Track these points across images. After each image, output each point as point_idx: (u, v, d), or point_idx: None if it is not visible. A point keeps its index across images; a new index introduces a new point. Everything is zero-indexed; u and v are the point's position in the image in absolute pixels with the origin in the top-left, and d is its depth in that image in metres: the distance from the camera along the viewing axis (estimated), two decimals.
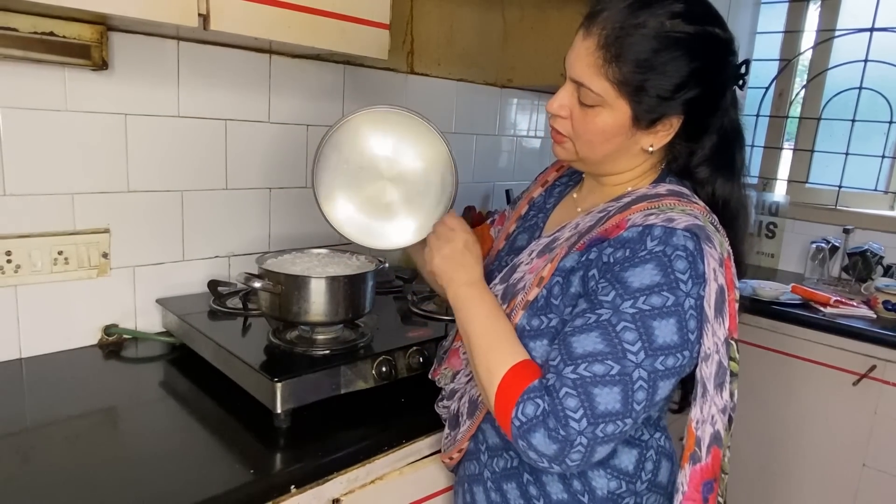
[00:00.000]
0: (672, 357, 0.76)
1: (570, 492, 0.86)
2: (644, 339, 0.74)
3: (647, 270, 0.76)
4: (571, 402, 0.73)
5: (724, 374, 0.80)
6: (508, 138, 2.22)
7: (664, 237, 0.77)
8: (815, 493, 2.04)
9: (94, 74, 1.22)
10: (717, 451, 0.81)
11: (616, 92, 0.80)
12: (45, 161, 1.19)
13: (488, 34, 2.05)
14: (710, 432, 0.81)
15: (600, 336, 0.75)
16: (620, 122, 0.82)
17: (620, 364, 0.74)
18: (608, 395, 0.73)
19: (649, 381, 0.75)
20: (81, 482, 0.86)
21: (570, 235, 0.88)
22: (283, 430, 1.01)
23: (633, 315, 0.75)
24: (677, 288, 0.75)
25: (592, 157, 0.88)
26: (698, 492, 0.81)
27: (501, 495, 0.91)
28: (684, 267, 0.76)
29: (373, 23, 1.27)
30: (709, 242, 0.78)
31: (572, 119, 0.85)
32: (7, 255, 1.17)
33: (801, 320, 2.02)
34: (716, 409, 0.80)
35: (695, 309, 0.76)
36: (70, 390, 1.12)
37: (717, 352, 0.78)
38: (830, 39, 2.55)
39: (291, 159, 1.58)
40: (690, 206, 0.82)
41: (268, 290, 1.08)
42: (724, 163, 0.89)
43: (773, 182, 2.75)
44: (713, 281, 0.77)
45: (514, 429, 0.76)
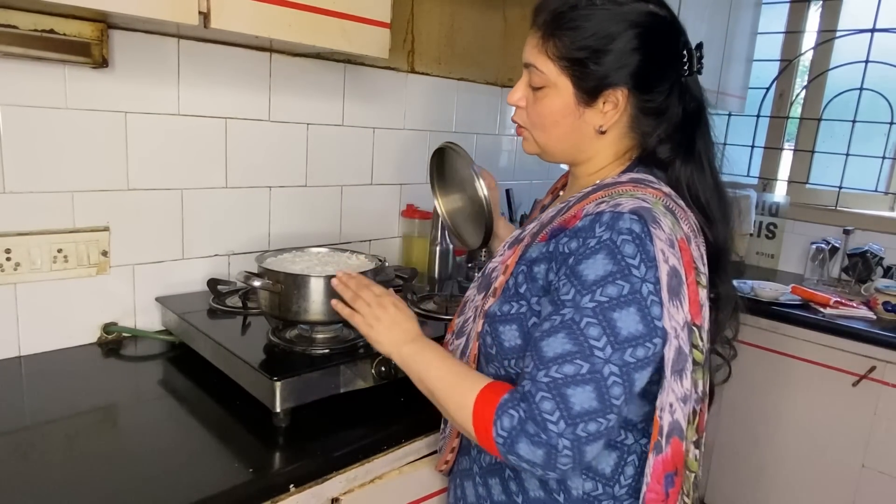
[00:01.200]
0: (641, 347, 0.75)
1: (546, 490, 0.86)
2: (608, 332, 0.74)
3: (599, 261, 0.76)
4: (547, 405, 0.73)
5: (684, 361, 0.78)
6: (509, 138, 2.21)
7: (611, 222, 0.77)
8: (814, 493, 2.04)
9: (95, 72, 1.22)
10: (677, 442, 0.80)
11: (557, 68, 0.85)
12: (44, 159, 1.19)
13: (489, 33, 2.05)
14: (669, 421, 0.79)
15: (567, 336, 0.75)
16: (566, 101, 0.86)
17: (589, 362, 0.74)
18: (582, 394, 0.73)
19: (622, 375, 0.74)
20: (80, 480, 0.85)
21: (533, 226, 0.90)
22: (283, 429, 1.01)
23: (594, 309, 0.75)
24: (630, 274, 0.75)
25: (549, 144, 0.91)
26: (660, 484, 0.79)
27: (487, 489, 0.93)
28: (633, 251, 0.76)
29: (373, 21, 1.27)
30: (655, 224, 0.77)
31: (527, 108, 0.90)
32: (6, 252, 1.16)
33: (801, 321, 2.03)
34: (674, 396, 0.78)
35: (655, 294, 0.76)
36: (69, 388, 1.12)
37: (677, 337, 0.77)
38: (831, 40, 2.55)
39: (291, 158, 1.58)
40: (644, 191, 0.82)
41: (267, 288, 1.08)
42: (683, 145, 0.89)
43: (773, 182, 2.75)
44: (663, 262, 0.76)
45: (500, 447, 0.75)
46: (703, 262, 0.84)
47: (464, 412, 0.79)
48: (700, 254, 0.84)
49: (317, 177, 1.64)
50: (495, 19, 2.06)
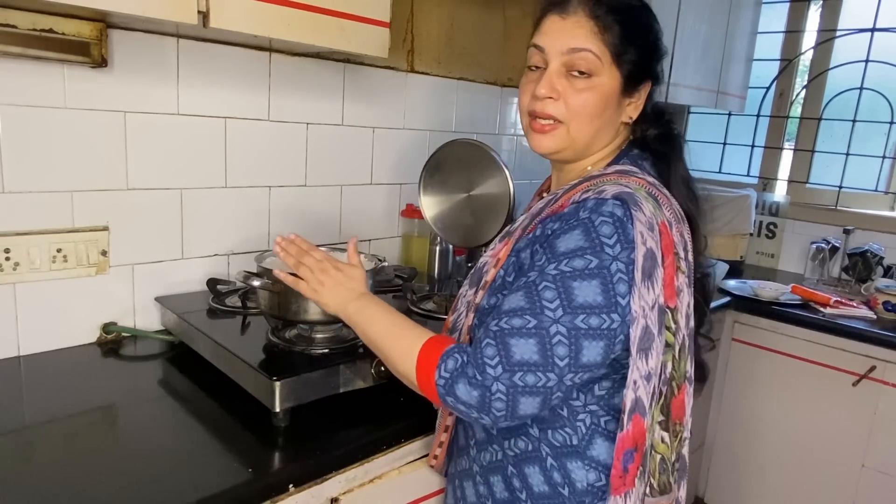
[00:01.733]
0: (596, 317, 0.77)
1: (550, 484, 0.86)
2: (563, 297, 0.77)
3: (574, 236, 0.79)
4: (489, 351, 0.77)
5: (650, 340, 0.80)
6: (509, 137, 2.21)
7: (594, 206, 0.80)
8: (814, 493, 2.04)
9: (94, 72, 1.21)
10: (638, 419, 0.81)
11: (611, 57, 0.85)
12: (44, 158, 1.19)
13: (489, 33, 2.04)
14: (632, 398, 0.80)
15: (523, 295, 0.79)
16: (612, 90, 0.87)
17: (537, 318, 0.76)
18: (524, 345, 0.76)
19: (569, 336, 0.76)
20: (80, 480, 0.85)
21: (523, 219, 0.92)
22: (282, 429, 1.01)
23: (554, 276, 0.78)
24: (602, 251, 0.77)
25: (584, 137, 0.90)
26: (619, 460, 0.81)
27: (488, 488, 0.92)
28: (610, 231, 0.78)
29: (373, 21, 1.27)
30: (636, 207, 0.80)
31: (565, 98, 0.87)
32: (6, 252, 1.16)
33: (801, 321, 2.03)
34: (638, 374, 0.80)
35: (624, 273, 0.78)
36: (69, 388, 1.12)
37: (645, 316, 0.79)
38: (831, 40, 2.55)
39: (291, 157, 1.58)
40: (627, 180, 0.85)
41: (267, 288, 1.08)
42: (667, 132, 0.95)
43: (773, 182, 2.75)
44: (641, 244, 0.78)
45: (440, 388, 0.78)
46: (685, 249, 0.86)
47: (408, 359, 0.83)
48: (683, 241, 0.86)
49: (316, 176, 1.64)
50: (495, 19, 2.06)
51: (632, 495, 0.82)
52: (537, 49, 0.89)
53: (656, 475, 0.85)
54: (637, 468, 0.82)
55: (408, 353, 0.83)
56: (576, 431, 0.86)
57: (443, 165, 1.29)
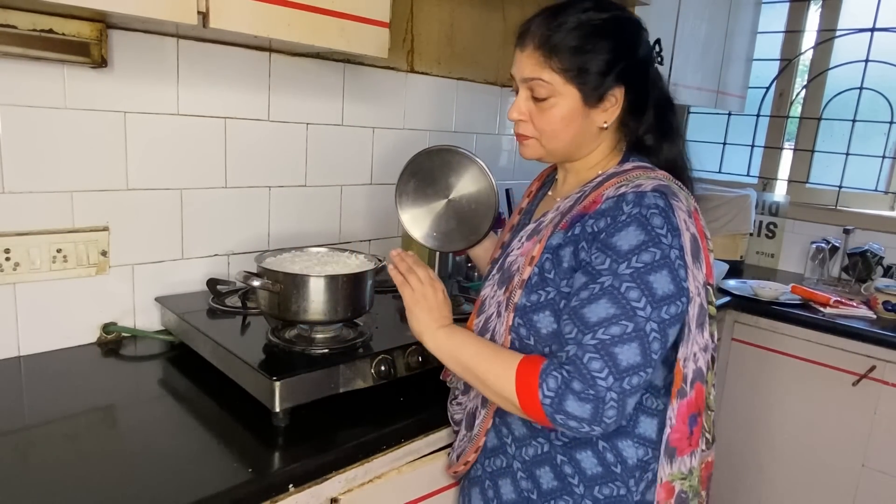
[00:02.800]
0: (673, 305, 0.83)
1: (604, 464, 0.91)
2: (646, 293, 0.82)
3: (631, 232, 0.84)
4: (596, 364, 0.80)
5: (704, 316, 0.88)
6: (508, 138, 2.21)
7: (637, 200, 0.85)
8: (814, 493, 2.04)
9: (94, 72, 1.22)
10: (700, 387, 0.89)
11: (563, 79, 0.91)
12: (44, 159, 1.19)
13: (489, 33, 2.05)
14: (693, 368, 0.88)
15: (609, 301, 0.82)
16: (574, 106, 0.93)
17: (633, 322, 0.81)
18: (628, 351, 0.81)
19: (660, 330, 0.82)
20: (80, 480, 0.85)
21: (553, 217, 0.96)
22: (282, 429, 1.01)
23: (631, 275, 0.82)
24: (660, 242, 0.83)
25: (559, 147, 0.97)
26: (685, 424, 0.88)
27: (533, 481, 0.95)
28: (661, 222, 0.84)
29: (373, 21, 1.27)
30: (675, 197, 0.87)
31: (532, 119, 0.96)
32: (6, 252, 1.16)
33: (801, 320, 2.02)
34: (697, 347, 0.88)
35: (681, 259, 0.84)
36: (69, 388, 1.12)
37: (699, 294, 0.86)
38: (831, 39, 2.55)
39: (291, 158, 1.58)
40: (654, 174, 0.92)
41: (267, 288, 1.08)
42: (665, 129, 0.99)
43: (773, 182, 2.75)
44: (686, 230, 0.85)
45: (546, 407, 0.81)
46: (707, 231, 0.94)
47: (505, 380, 0.86)
48: (705, 224, 0.93)
49: (316, 176, 1.64)
50: (495, 19, 2.06)
51: (697, 454, 0.91)
52: (512, 77, 0.98)
53: (711, 430, 0.93)
54: (700, 429, 0.91)
55: (503, 376, 0.86)
56: None
57: (412, 184, 1.27)
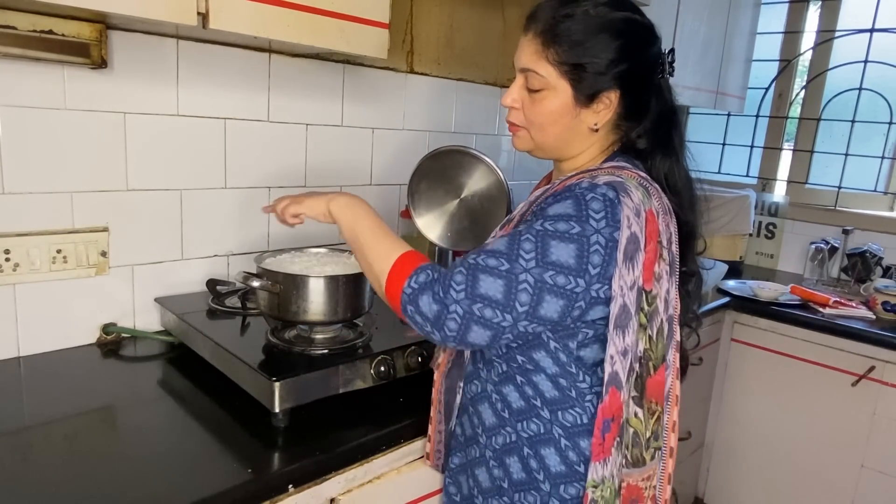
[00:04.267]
0: (563, 277, 0.82)
1: (567, 463, 0.90)
2: (539, 251, 0.82)
3: (564, 204, 0.84)
4: (458, 277, 0.83)
5: (627, 319, 0.86)
6: (508, 138, 2.20)
7: (588, 187, 0.85)
8: (813, 493, 2.05)
9: (94, 73, 1.22)
10: (614, 392, 0.87)
11: (557, 72, 0.90)
12: (43, 159, 1.19)
13: (488, 34, 2.05)
14: (609, 371, 0.86)
15: (505, 242, 0.84)
16: (564, 102, 0.92)
17: (510, 264, 0.82)
18: (491, 283, 0.82)
19: (535, 287, 0.82)
20: (79, 481, 0.85)
21: (522, 206, 0.97)
22: (282, 430, 1.01)
23: (537, 232, 0.83)
24: (586, 222, 0.82)
25: (546, 141, 0.96)
26: (599, 429, 0.87)
27: (504, 470, 0.94)
28: (599, 207, 0.83)
29: (372, 22, 1.27)
30: (625, 194, 0.85)
31: (524, 108, 0.95)
32: (6, 253, 1.16)
33: (800, 321, 2.03)
34: (615, 349, 0.86)
35: (602, 247, 0.82)
36: (68, 389, 1.12)
37: (623, 295, 0.84)
38: (830, 40, 2.55)
39: (291, 158, 1.58)
40: (620, 172, 0.90)
41: (266, 289, 1.08)
42: (661, 139, 0.97)
43: (772, 183, 2.75)
44: (626, 228, 0.83)
45: (405, 295, 0.84)
46: (669, 239, 0.91)
47: (385, 261, 0.88)
48: (669, 232, 0.92)
49: (316, 177, 1.64)
50: (494, 20, 2.06)
51: (609, 463, 0.87)
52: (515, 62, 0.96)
53: (630, 448, 0.90)
54: (614, 438, 0.88)
55: (385, 257, 0.89)
56: (585, 411, 0.90)
57: (424, 187, 1.28)
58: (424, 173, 1.28)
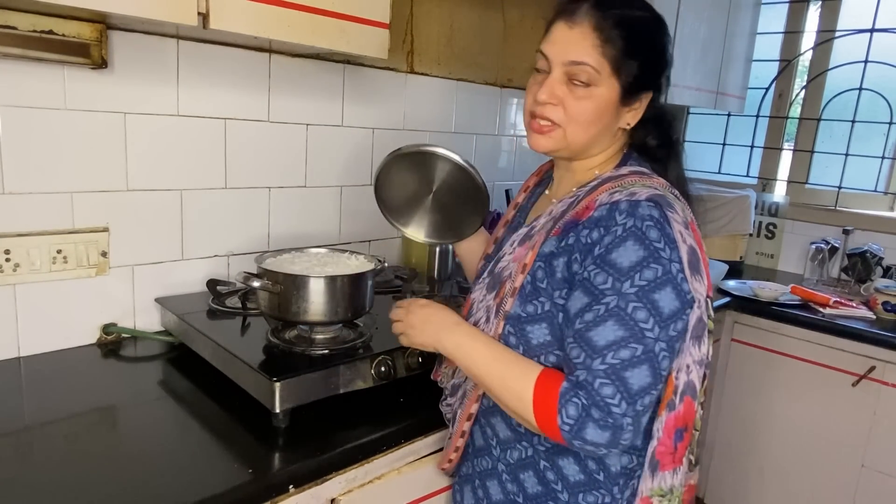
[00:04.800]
0: (680, 321, 0.82)
1: (586, 472, 0.89)
2: (653, 313, 0.79)
3: (630, 248, 0.81)
4: (607, 391, 0.78)
5: (703, 329, 0.86)
6: (508, 138, 2.22)
7: (630, 210, 0.82)
8: (814, 493, 2.04)
9: (94, 73, 1.22)
10: (689, 401, 0.87)
11: (610, 69, 0.87)
12: (44, 160, 1.19)
13: (488, 34, 2.05)
14: (685, 381, 0.86)
15: (616, 323, 0.80)
16: (610, 99, 0.89)
17: (642, 343, 0.79)
18: (639, 374, 0.79)
19: (668, 348, 0.81)
20: (80, 481, 0.85)
21: (545, 222, 0.93)
22: (282, 430, 1.01)
23: (636, 294, 0.79)
24: (660, 257, 0.80)
25: (580, 141, 0.92)
26: (670, 438, 0.86)
27: (518, 484, 0.94)
28: (657, 235, 0.81)
29: (372, 22, 1.27)
30: (671, 208, 0.84)
31: (564, 105, 0.89)
32: (6, 253, 1.16)
33: (801, 321, 2.02)
34: (691, 359, 0.86)
35: (682, 271, 0.82)
36: (69, 389, 1.12)
37: (699, 306, 0.84)
38: (831, 40, 2.55)
39: (291, 159, 1.58)
40: (650, 181, 0.88)
41: (267, 289, 1.08)
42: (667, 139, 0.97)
43: (772, 183, 2.75)
44: (682, 243, 0.82)
45: (565, 434, 0.79)
46: None
47: (523, 404, 0.83)
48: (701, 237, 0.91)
49: (316, 177, 1.64)
50: (494, 20, 2.06)
51: (679, 472, 0.87)
52: (542, 55, 0.91)
53: (694, 451, 0.91)
54: (686, 447, 0.88)
55: (521, 398, 0.83)
56: None
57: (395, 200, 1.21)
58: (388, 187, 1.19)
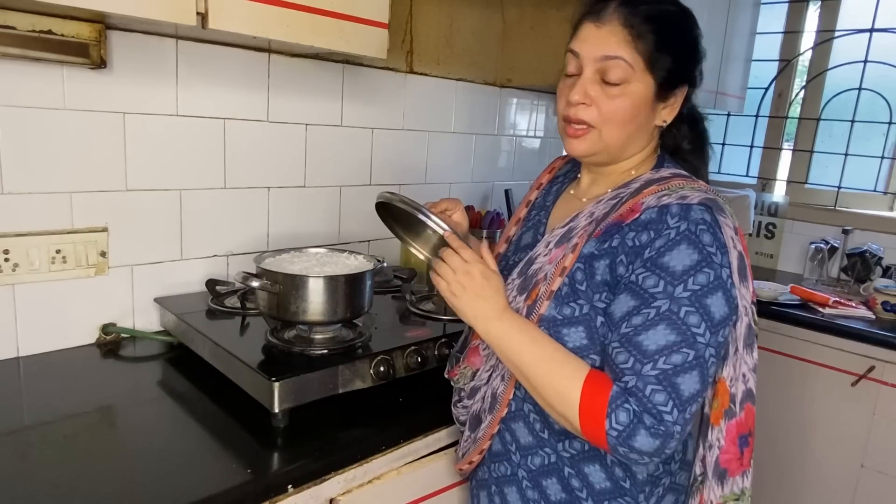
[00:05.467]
0: (727, 327, 0.81)
1: (612, 479, 0.88)
2: (706, 318, 0.78)
3: (683, 251, 0.79)
4: (660, 397, 0.76)
5: (753, 336, 0.86)
6: (508, 138, 2.22)
7: (683, 213, 0.81)
8: (813, 493, 2.04)
9: (93, 73, 1.22)
10: (749, 407, 0.87)
11: (644, 64, 0.85)
12: (43, 160, 1.19)
13: (488, 34, 2.05)
14: (743, 389, 0.87)
15: (668, 327, 0.78)
16: (645, 96, 0.87)
17: (694, 349, 0.77)
18: (690, 379, 0.77)
19: (717, 354, 0.80)
20: (78, 481, 0.85)
21: (586, 224, 0.90)
22: (281, 430, 1.01)
23: (689, 298, 0.78)
24: (713, 262, 0.79)
25: (616, 142, 0.90)
26: (735, 445, 0.86)
27: (539, 491, 0.92)
28: (710, 239, 0.80)
29: (372, 22, 1.27)
30: (722, 213, 0.83)
31: (597, 105, 0.87)
32: (5, 253, 1.16)
33: (800, 321, 2.02)
34: (746, 367, 0.86)
35: (731, 277, 0.81)
36: (68, 389, 1.12)
37: (747, 314, 0.84)
38: (830, 40, 2.55)
39: (290, 159, 1.58)
40: (697, 184, 0.87)
41: (266, 289, 1.08)
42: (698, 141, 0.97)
43: (772, 182, 2.75)
44: (733, 248, 0.82)
45: (612, 439, 0.77)
46: None
47: (568, 401, 0.80)
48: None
49: (315, 177, 1.64)
50: (494, 20, 2.06)
51: (749, 474, 0.88)
52: (573, 55, 0.89)
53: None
54: (751, 451, 0.88)
55: (566, 398, 0.80)
56: None
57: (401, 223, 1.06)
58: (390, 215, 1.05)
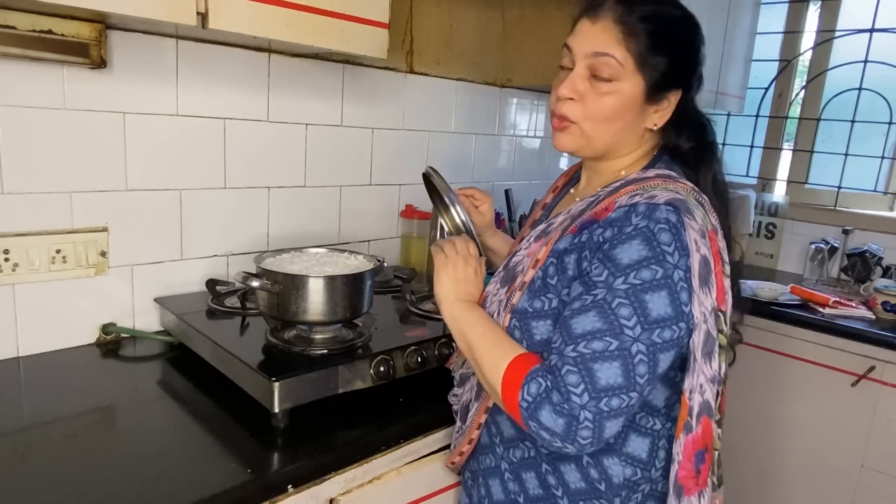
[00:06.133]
0: (668, 329, 0.78)
1: (587, 480, 0.88)
2: (639, 313, 0.76)
3: (634, 246, 0.78)
4: (572, 378, 0.76)
5: (713, 345, 0.82)
6: (508, 138, 2.21)
7: (647, 212, 0.80)
8: (813, 493, 2.04)
9: (93, 73, 1.22)
10: (706, 421, 0.83)
11: (634, 64, 0.85)
12: (43, 159, 1.19)
13: (488, 33, 2.05)
14: (699, 401, 0.82)
15: (597, 314, 0.78)
16: (633, 96, 0.87)
17: (619, 339, 0.76)
18: (608, 369, 0.75)
19: (648, 354, 0.77)
20: (79, 480, 0.85)
21: (563, 220, 0.92)
22: (281, 430, 1.01)
23: (626, 291, 0.77)
24: (664, 260, 0.78)
25: (600, 139, 0.90)
26: (691, 462, 0.83)
27: (520, 484, 0.93)
28: (668, 239, 0.78)
29: (372, 22, 1.27)
30: (689, 214, 0.81)
31: (584, 101, 0.88)
32: (5, 253, 1.16)
33: (800, 321, 2.02)
34: (704, 378, 0.82)
35: (685, 281, 0.78)
36: (68, 389, 1.12)
37: (706, 322, 0.80)
38: (830, 40, 2.55)
39: (290, 158, 1.58)
40: (674, 185, 0.86)
41: (266, 289, 1.08)
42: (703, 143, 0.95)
43: (772, 183, 2.75)
44: (695, 252, 0.79)
45: (522, 410, 0.78)
46: (726, 253, 0.88)
47: (496, 371, 0.82)
48: (723, 246, 0.87)
49: (315, 177, 1.64)
50: (494, 19, 2.06)
51: (706, 495, 0.84)
52: (567, 49, 0.90)
53: (716, 471, 0.87)
54: (708, 468, 0.84)
55: (497, 364, 0.83)
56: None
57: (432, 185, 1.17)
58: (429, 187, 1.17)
